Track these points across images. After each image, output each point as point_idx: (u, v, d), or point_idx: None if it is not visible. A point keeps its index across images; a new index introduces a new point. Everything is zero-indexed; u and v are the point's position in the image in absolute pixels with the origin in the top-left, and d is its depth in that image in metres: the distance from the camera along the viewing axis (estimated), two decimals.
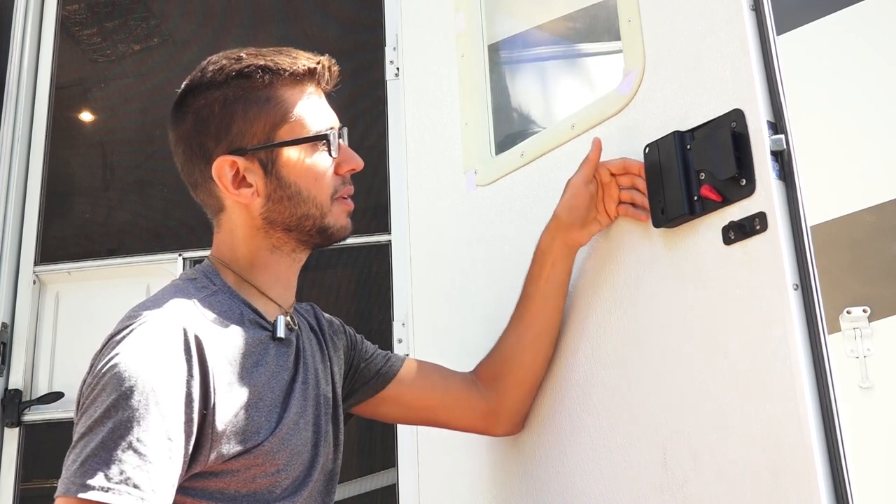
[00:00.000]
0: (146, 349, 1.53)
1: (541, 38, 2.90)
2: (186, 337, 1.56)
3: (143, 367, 1.50)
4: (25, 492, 3.21)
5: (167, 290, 1.69)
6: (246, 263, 1.75)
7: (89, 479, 1.42)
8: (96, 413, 1.47)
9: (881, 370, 2.74)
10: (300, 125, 1.72)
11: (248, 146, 1.70)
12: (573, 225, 1.93)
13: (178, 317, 1.59)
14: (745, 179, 1.66)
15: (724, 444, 1.67)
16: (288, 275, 1.79)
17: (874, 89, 2.90)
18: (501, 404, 2.02)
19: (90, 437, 1.46)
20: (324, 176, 1.73)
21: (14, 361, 3.26)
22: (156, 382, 1.50)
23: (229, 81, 1.70)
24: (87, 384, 1.55)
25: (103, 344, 1.59)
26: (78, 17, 3.71)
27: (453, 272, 2.42)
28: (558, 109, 2.93)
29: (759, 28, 1.69)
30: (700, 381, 1.72)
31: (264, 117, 1.70)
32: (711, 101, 1.75)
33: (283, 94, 1.71)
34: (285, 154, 1.71)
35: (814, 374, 1.54)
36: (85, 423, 1.48)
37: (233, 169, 1.70)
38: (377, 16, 3.24)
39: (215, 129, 1.70)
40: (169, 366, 1.53)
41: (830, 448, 1.51)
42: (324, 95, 1.78)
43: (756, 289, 1.63)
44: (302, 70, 1.73)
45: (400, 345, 2.88)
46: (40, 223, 3.40)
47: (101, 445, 1.45)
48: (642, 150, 1.86)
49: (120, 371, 1.49)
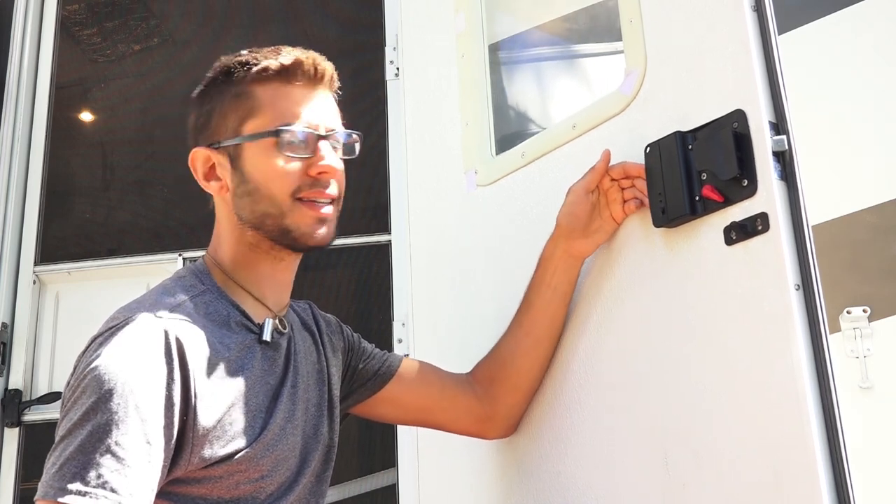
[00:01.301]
0: (127, 351, 1.52)
1: (541, 38, 2.90)
2: (168, 339, 1.55)
3: (122, 370, 1.49)
4: (25, 492, 3.21)
5: (154, 290, 1.69)
6: (230, 261, 1.74)
7: (67, 482, 1.42)
8: (76, 416, 1.47)
9: (881, 370, 2.74)
10: (267, 120, 1.69)
11: (221, 140, 1.71)
12: (574, 232, 1.93)
13: (160, 319, 1.57)
14: (746, 180, 1.66)
15: (725, 445, 1.66)
16: (273, 274, 1.76)
17: (874, 89, 2.90)
18: (496, 408, 2.02)
19: (69, 441, 1.46)
20: (284, 174, 1.67)
21: (14, 361, 3.26)
22: (135, 385, 1.49)
23: (217, 78, 1.73)
24: (69, 385, 1.54)
25: (87, 345, 1.59)
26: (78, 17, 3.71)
27: (453, 272, 2.42)
28: (558, 109, 2.93)
29: (760, 28, 1.69)
30: (701, 382, 1.72)
31: (234, 111, 1.70)
32: (713, 101, 1.75)
33: (255, 89, 1.70)
34: (249, 149, 1.69)
35: (815, 375, 1.54)
36: (65, 426, 1.48)
37: (207, 162, 1.72)
38: (377, 16, 3.24)
39: (201, 124, 1.74)
40: (149, 369, 1.52)
41: (832, 449, 1.51)
42: (320, 95, 1.73)
43: (757, 289, 1.63)
44: (275, 66, 1.69)
45: (400, 345, 2.87)
46: (40, 223, 3.40)
47: (80, 449, 1.44)
48: (643, 150, 1.85)
49: (100, 373, 1.49)
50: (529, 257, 2.03)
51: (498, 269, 2.24)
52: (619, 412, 1.88)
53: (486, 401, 2.01)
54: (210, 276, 1.72)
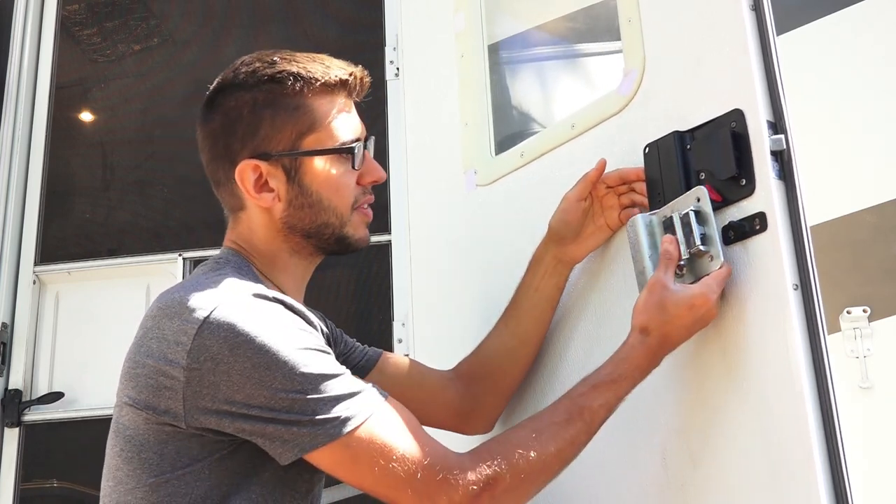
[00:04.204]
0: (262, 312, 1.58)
1: (541, 37, 2.90)
2: (292, 307, 1.62)
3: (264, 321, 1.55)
4: (25, 492, 3.21)
5: (207, 281, 1.65)
6: (268, 262, 1.75)
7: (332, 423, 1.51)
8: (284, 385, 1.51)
9: (881, 370, 2.75)
10: (327, 135, 1.72)
11: (273, 151, 1.70)
12: (565, 238, 1.94)
13: (263, 294, 1.60)
14: (744, 179, 1.66)
15: (723, 446, 1.67)
16: (304, 277, 1.81)
17: (874, 89, 2.90)
18: (475, 405, 2.03)
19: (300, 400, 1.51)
20: (346, 186, 1.74)
21: (14, 361, 3.26)
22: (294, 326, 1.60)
23: (260, 85, 1.71)
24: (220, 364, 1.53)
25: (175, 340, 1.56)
26: (78, 17, 3.71)
27: (453, 272, 2.42)
28: (558, 109, 2.93)
29: (759, 28, 1.69)
30: (700, 382, 1.72)
31: (292, 124, 1.70)
32: (711, 101, 1.75)
33: (313, 103, 1.71)
34: (309, 163, 1.72)
35: (814, 375, 1.54)
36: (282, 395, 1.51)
37: (255, 173, 1.71)
38: (377, 16, 3.24)
39: (242, 131, 1.71)
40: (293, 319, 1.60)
41: (830, 449, 1.51)
42: (353, 105, 1.78)
43: (756, 288, 1.63)
44: (334, 80, 1.72)
45: (400, 345, 2.88)
46: (40, 223, 3.40)
47: (312, 401, 1.51)
48: (642, 149, 1.85)
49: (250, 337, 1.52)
50: (529, 257, 2.03)
51: (498, 269, 2.24)
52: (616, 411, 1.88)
53: (467, 398, 2.02)
54: (253, 271, 1.72)
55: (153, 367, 1.57)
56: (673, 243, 1.69)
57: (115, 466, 1.63)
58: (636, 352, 1.67)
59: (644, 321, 1.67)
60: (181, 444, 1.56)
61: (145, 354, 1.59)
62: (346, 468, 1.54)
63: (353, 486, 1.58)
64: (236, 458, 1.58)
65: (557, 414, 1.65)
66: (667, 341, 1.67)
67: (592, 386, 1.67)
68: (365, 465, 1.52)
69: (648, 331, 1.66)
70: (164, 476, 1.56)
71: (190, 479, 1.56)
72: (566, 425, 1.63)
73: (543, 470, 1.60)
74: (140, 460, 1.58)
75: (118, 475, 1.62)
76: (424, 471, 1.52)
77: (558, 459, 1.62)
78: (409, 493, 1.52)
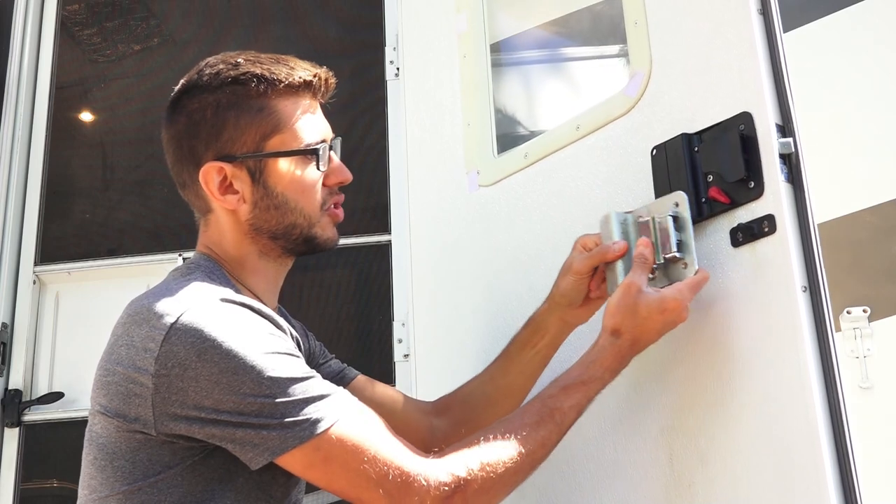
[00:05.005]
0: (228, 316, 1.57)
1: (543, 38, 2.90)
2: (260, 311, 1.62)
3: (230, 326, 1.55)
4: (25, 492, 3.20)
5: (175, 285, 1.64)
6: (237, 265, 1.75)
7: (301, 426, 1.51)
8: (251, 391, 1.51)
9: (881, 370, 2.76)
10: (291, 137, 1.71)
11: (237, 153, 1.70)
12: (574, 302, 1.88)
13: (230, 299, 1.60)
14: (753, 182, 1.67)
15: (731, 446, 1.67)
16: (276, 279, 1.80)
17: (874, 89, 2.90)
18: (444, 443, 2.00)
19: (259, 402, 1.51)
20: (312, 188, 1.74)
21: (14, 361, 3.25)
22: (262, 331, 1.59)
23: (224, 87, 1.70)
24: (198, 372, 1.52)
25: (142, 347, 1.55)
26: (78, 17, 3.69)
27: (453, 272, 2.42)
28: (561, 110, 2.93)
29: (766, 31, 1.70)
30: (707, 382, 1.73)
31: (256, 126, 1.70)
32: (719, 103, 1.75)
33: (277, 104, 1.71)
34: (274, 164, 1.71)
35: (822, 376, 1.55)
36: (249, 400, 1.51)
37: (220, 175, 1.70)
38: (377, 15, 3.24)
39: (206, 133, 1.70)
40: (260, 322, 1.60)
41: (839, 449, 1.52)
42: (319, 106, 1.78)
43: (764, 291, 1.64)
44: (298, 82, 1.72)
45: (400, 345, 2.88)
46: (40, 223, 3.39)
47: (280, 405, 1.51)
48: (649, 151, 1.86)
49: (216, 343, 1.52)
50: (531, 259, 2.04)
51: (499, 270, 2.24)
52: (623, 412, 1.88)
53: (439, 436, 1.98)
54: (224, 275, 1.72)
55: (123, 374, 1.56)
56: (648, 247, 1.70)
57: (90, 475, 1.63)
58: (606, 353, 1.68)
59: (616, 323, 1.68)
60: (153, 451, 1.56)
61: (115, 362, 1.58)
62: (317, 471, 1.54)
63: (326, 490, 1.58)
64: (209, 465, 1.58)
65: (528, 416, 1.66)
66: (637, 344, 1.69)
67: (563, 388, 1.68)
68: (336, 467, 1.53)
69: (620, 333, 1.68)
70: (137, 484, 1.56)
71: (163, 486, 1.56)
72: (537, 427, 1.64)
73: (515, 471, 1.60)
74: (113, 468, 1.58)
75: (92, 483, 1.62)
76: (396, 472, 1.53)
77: (529, 460, 1.62)
78: (381, 494, 1.53)
